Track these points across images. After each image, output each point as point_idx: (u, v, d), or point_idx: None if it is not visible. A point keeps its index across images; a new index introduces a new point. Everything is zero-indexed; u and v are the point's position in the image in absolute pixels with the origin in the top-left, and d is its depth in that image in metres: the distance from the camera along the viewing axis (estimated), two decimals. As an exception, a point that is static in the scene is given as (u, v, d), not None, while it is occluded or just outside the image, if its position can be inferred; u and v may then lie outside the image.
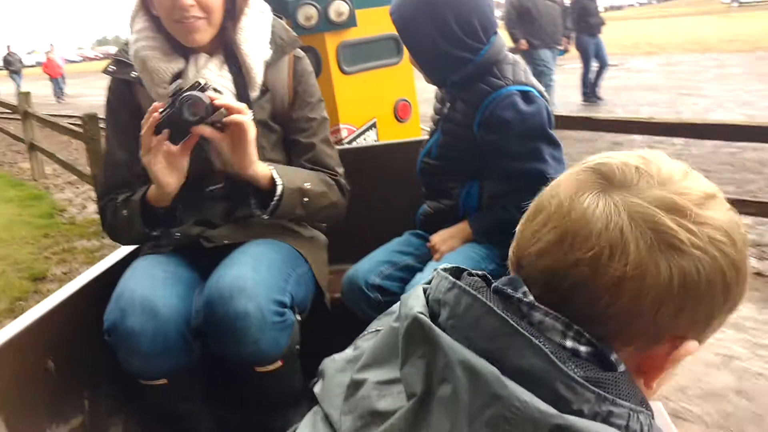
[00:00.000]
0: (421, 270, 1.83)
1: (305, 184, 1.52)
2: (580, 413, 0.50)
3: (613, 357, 0.55)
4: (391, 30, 2.57)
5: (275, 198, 1.46)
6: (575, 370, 0.51)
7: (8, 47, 21.84)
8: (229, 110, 1.34)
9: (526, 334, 0.53)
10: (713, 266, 0.54)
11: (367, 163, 2.23)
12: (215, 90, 1.40)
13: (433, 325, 0.56)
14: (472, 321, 0.55)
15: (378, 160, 2.21)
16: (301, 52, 1.67)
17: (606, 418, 0.51)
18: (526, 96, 1.61)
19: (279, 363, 1.45)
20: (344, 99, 2.92)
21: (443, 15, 1.56)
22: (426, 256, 1.89)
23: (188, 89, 1.32)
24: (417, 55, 1.67)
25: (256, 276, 1.41)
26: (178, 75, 1.47)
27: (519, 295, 0.56)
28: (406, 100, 3.25)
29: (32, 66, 45.90)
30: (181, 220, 1.58)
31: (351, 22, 2.87)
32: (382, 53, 3.09)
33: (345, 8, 2.83)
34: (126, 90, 1.57)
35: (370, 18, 2.98)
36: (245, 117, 1.35)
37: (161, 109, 1.31)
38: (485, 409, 0.50)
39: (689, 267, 0.53)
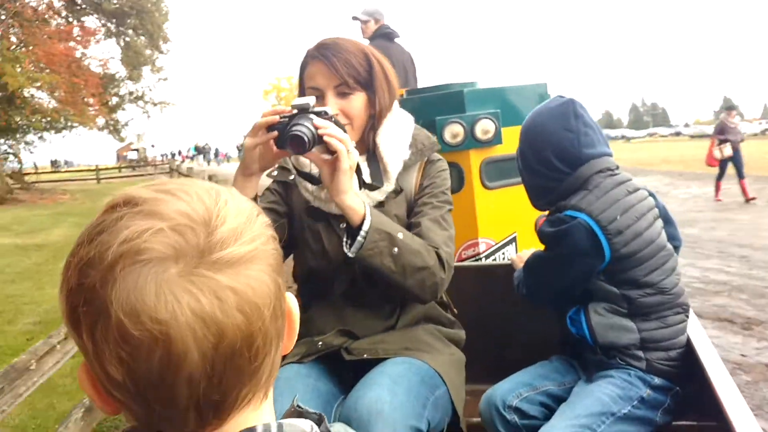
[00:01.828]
0: (563, 398, 1.74)
1: (398, 234, 1.51)
2: None
3: None
4: None
5: (361, 232, 1.47)
6: None
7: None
8: (332, 137, 1.42)
9: None
10: (275, 244, 0.57)
11: (510, 281, 2.20)
12: (333, 119, 1.48)
13: None
14: None
15: None
16: (436, 155, 1.76)
17: None
18: (564, 218, 1.66)
19: None
20: (485, 213, 2.95)
21: (523, 152, 1.78)
22: (571, 383, 1.79)
23: (313, 112, 1.44)
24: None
25: (394, 400, 1.40)
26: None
27: None
28: (548, 216, 3.21)
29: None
30: (324, 330, 1.64)
31: (497, 140, 2.94)
32: (524, 169, 3.12)
33: (491, 126, 2.92)
34: (281, 192, 1.75)
35: (514, 135, 3.04)
36: (342, 145, 1.42)
37: (282, 115, 1.45)
38: None
39: (273, 261, 0.55)
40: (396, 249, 1.49)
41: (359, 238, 1.47)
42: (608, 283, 1.66)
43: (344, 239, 1.51)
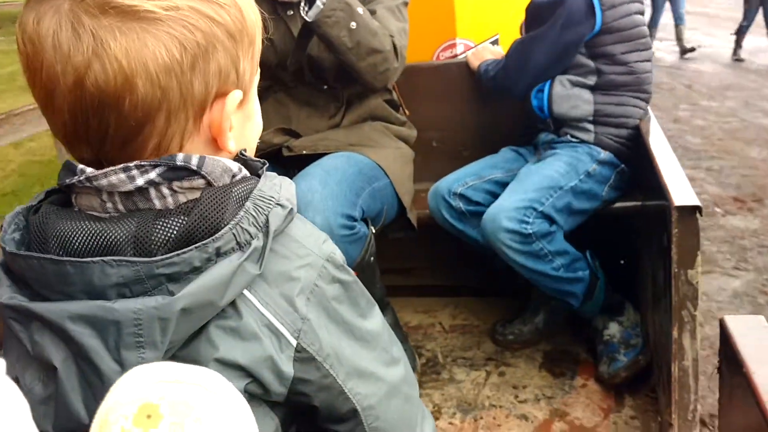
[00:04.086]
0: (509, 184, 1.73)
1: (358, 9, 1.45)
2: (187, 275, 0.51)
3: (180, 159, 0.54)
4: None
5: None
6: (166, 229, 0.52)
7: None
8: None
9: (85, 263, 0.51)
10: (196, 19, 0.52)
11: (464, 79, 2.12)
12: None
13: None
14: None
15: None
16: None
17: (216, 259, 0.52)
18: None
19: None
20: (464, 11, 2.73)
21: None
22: (517, 170, 1.78)
23: None
24: None
25: (324, 190, 1.41)
26: None
27: (75, 179, 0.54)
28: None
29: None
30: (265, 128, 1.62)
31: (480, -73, 2.66)
32: (514, -35, 2.86)
33: None
34: None
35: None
36: None
37: None
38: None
39: (179, 35, 0.51)
40: (354, 24, 1.43)
41: (318, 2, 1.41)
42: (586, 56, 1.70)
43: (302, 4, 1.44)
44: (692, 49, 7.49)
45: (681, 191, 1.31)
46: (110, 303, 0.50)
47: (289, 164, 1.64)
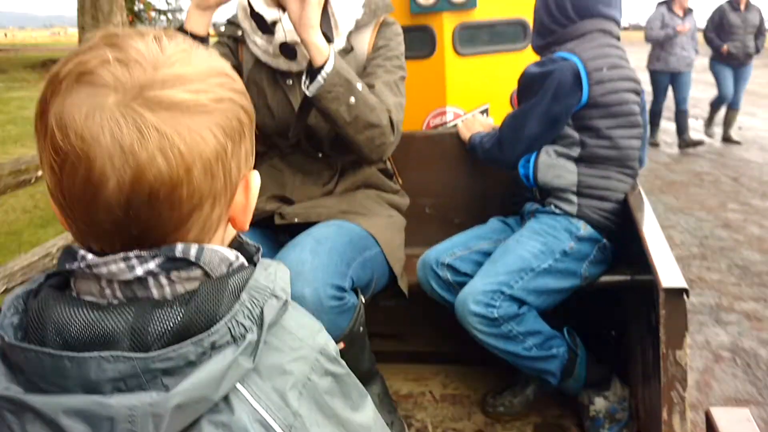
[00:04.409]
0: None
1: (357, 85, 1.48)
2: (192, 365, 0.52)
3: (179, 250, 0.55)
4: (518, 14, 2.61)
5: (322, 72, 1.44)
6: (161, 321, 0.52)
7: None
8: None
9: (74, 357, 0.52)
10: (234, 109, 0.56)
11: (456, 148, 2.17)
12: None
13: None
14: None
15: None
16: (391, 19, 1.72)
17: (210, 353, 0.53)
18: (553, 59, 1.72)
19: (341, 345, 1.44)
20: (455, 81, 2.83)
21: None
22: (504, 241, 1.80)
23: None
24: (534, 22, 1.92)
25: (314, 260, 1.41)
26: (274, 23, 1.58)
27: (75, 266, 0.55)
28: (528, 89, 3.09)
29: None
30: (260, 194, 1.65)
31: (471, 3, 2.77)
32: (504, 38, 2.95)
33: (464, -12, 2.74)
34: (232, 47, 1.73)
35: (492, 1, 2.87)
36: None
37: None
38: None
39: (224, 124, 0.55)
40: (353, 99, 1.47)
41: (319, 78, 1.44)
42: (572, 128, 1.75)
43: (304, 78, 1.48)
44: (699, 143, 6.81)
45: (669, 272, 1.33)
46: (106, 399, 0.50)
47: (281, 230, 1.65)
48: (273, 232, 1.67)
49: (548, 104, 1.70)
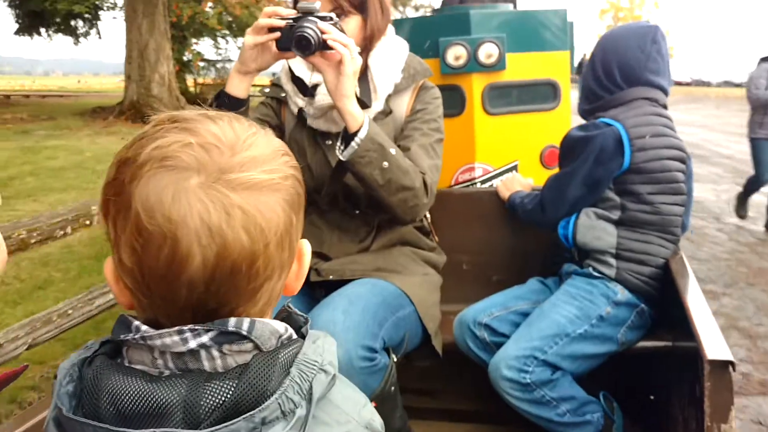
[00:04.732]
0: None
1: (391, 150, 1.52)
2: None
3: (231, 325, 0.57)
4: (547, 75, 2.68)
5: (356, 138, 1.48)
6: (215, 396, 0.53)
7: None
8: (337, 41, 1.43)
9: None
10: (295, 184, 0.61)
11: (495, 206, 2.19)
12: (337, 24, 1.47)
13: None
14: None
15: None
16: (430, 83, 1.77)
17: (261, 428, 0.53)
18: (597, 125, 1.75)
19: (372, 404, 1.46)
20: (484, 138, 2.88)
21: (594, 55, 1.88)
22: (542, 302, 1.80)
23: (317, 16, 1.44)
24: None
25: (346, 321, 1.43)
26: (315, 86, 1.65)
27: (130, 336, 0.57)
28: (557, 147, 3.13)
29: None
30: None
31: (500, 65, 2.84)
32: (534, 98, 3.02)
33: (495, 50, 2.81)
34: (275, 108, 1.80)
35: (522, 62, 2.93)
36: (346, 50, 1.43)
37: (287, 17, 1.45)
38: None
39: (290, 198, 0.59)
40: (386, 163, 1.50)
41: (353, 144, 1.48)
42: (613, 191, 1.77)
43: (338, 143, 1.53)
44: None
45: (714, 343, 1.32)
46: None
47: (317, 286, 1.68)
48: (309, 287, 1.69)
49: (590, 168, 1.73)
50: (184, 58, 16.43)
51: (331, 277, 1.64)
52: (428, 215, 1.90)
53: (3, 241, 0.65)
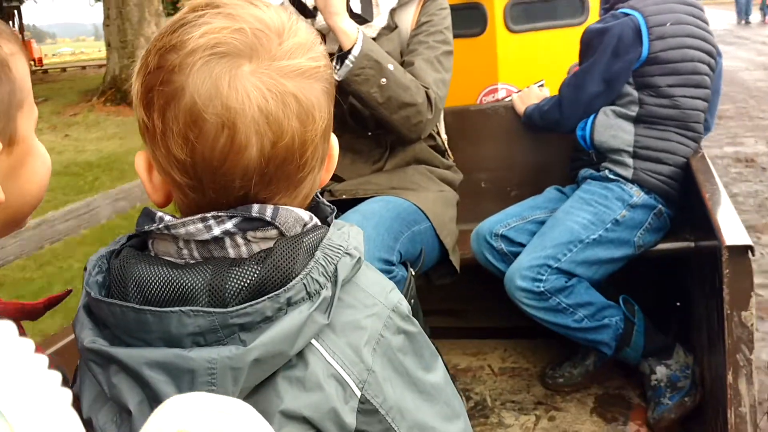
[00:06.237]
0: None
1: (389, 66, 1.49)
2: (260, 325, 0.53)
3: (255, 211, 0.55)
4: None
5: (350, 56, 1.46)
6: (238, 280, 0.53)
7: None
8: None
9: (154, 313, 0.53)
10: (331, 73, 0.60)
11: (511, 121, 2.16)
12: None
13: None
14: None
15: None
16: None
17: (287, 309, 0.53)
18: (615, 15, 1.69)
19: None
20: (507, 58, 2.80)
21: None
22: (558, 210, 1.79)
23: None
24: None
25: None
26: (315, 8, 1.60)
27: (154, 227, 0.56)
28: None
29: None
30: None
31: (523, -22, 2.74)
32: (560, 12, 2.90)
33: (516, -38, 2.71)
34: None
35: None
36: None
37: None
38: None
39: (328, 86, 0.58)
40: (384, 80, 1.48)
41: (347, 62, 1.47)
42: (631, 86, 1.71)
43: (334, 63, 1.51)
44: None
45: (732, 230, 1.29)
46: (186, 352, 0.52)
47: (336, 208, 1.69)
48: None
49: (608, 61, 1.67)
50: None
51: (343, 196, 1.64)
52: (443, 133, 1.88)
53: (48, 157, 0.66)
